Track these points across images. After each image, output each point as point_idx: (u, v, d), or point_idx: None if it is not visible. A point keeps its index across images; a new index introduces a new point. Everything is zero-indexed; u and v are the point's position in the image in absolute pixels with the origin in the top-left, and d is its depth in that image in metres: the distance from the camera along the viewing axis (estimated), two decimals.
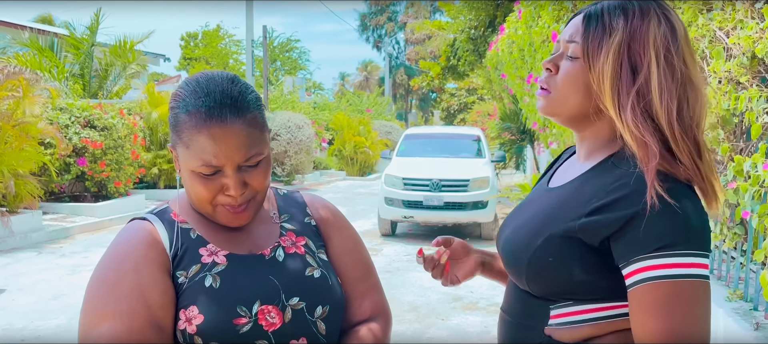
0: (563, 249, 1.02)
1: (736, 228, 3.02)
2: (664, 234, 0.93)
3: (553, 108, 1.10)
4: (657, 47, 1.01)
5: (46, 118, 8.60)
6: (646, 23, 1.02)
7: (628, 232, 0.95)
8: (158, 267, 1.07)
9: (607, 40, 1.03)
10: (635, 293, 0.96)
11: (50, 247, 7.39)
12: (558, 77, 1.09)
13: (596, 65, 1.03)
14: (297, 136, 14.60)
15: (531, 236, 1.07)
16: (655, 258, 0.94)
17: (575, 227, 1.01)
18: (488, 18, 13.56)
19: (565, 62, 1.08)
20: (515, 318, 1.14)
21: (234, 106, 1.06)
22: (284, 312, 1.09)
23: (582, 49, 1.05)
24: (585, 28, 1.05)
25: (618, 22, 1.03)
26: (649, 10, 1.04)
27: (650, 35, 1.02)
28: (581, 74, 1.05)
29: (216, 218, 1.13)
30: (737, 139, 3.05)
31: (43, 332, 4.47)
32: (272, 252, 1.16)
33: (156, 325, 1.02)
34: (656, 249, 0.94)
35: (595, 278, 1.02)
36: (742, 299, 3.08)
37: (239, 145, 1.06)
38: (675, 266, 0.93)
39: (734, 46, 2.67)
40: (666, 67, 1.01)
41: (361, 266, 1.26)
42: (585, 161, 1.13)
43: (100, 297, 1.04)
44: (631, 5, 1.04)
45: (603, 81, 1.02)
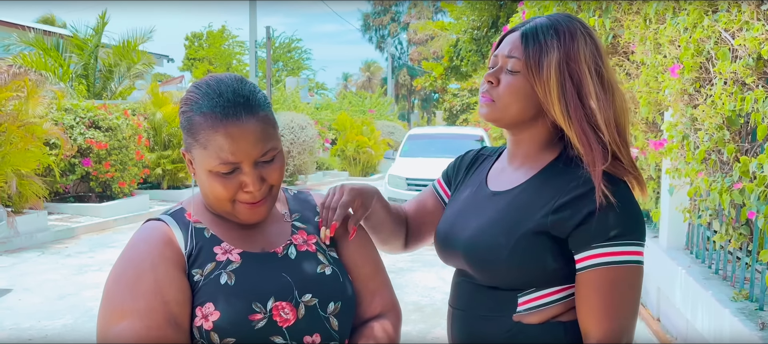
0: (537, 243, 1.16)
1: (742, 229, 3.03)
2: (611, 228, 1.11)
3: (497, 114, 1.24)
4: (588, 63, 1.18)
5: (52, 119, 8.63)
6: (576, 42, 1.18)
7: (585, 225, 1.13)
8: (174, 265, 1.09)
9: (545, 57, 1.17)
10: (584, 275, 1.14)
11: (55, 247, 7.42)
12: (500, 88, 1.22)
13: (540, 79, 1.18)
14: (300, 137, 14.61)
15: (504, 236, 1.19)
16: (603, 247, 1.12)
17: (547, 223, 1.16)
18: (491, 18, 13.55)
19: (505, 75, 1.22)
20: (476, 312, 1.25)
21: (247, 105, 1.10)
22: (298, 309, 1.12)
23: (524, 64, 1.19)
24: (524, 45, 1.19)
25: (553, 41, 1.18)
26: (576, 30, 1.20)
27: (581, 53, 1.18)
28: (522, 85, 1.20)
29: (235, 215, 1.15)
30: (743, 139, 3.06)
31: (50, 331, 4.49)
32: (285, 250, 1.18)
33: (173, 322, 1.05)
34: (606, 239, 1.12)
35: (561, 265, 1.17)
36: (747, 299, 3.09)
37: (255, 141, 1.09)
38: (618, 254, 1.12)
39: (740, 47, 2.68)
40: (598, 80, 1.18)
41: (371, 263, 1.28)
42: (523, 163, 1.26)
43: (118, 295, 1.06)
44: (561, 26, 1.20)
45: (550, 92, 1.17)
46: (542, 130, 1.24)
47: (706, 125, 2.99)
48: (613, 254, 1.12)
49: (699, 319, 3.41)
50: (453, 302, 1.32)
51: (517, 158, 1.29)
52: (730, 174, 2.88)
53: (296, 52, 31.52)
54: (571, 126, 1.16)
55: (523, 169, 1.26)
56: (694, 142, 3.20)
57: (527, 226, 1.17)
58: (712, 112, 2.91)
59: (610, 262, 1.11)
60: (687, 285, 3.65)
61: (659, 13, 3.45)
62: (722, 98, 2.78)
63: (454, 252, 1.29)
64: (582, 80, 1.16)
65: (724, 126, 2.89)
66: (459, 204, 1.36)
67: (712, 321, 3.18)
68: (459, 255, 1.27)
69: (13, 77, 7.55)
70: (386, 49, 41.86)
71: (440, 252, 1.34)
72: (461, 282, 1.30)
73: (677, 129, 3.38)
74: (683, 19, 3.06)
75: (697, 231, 4.02)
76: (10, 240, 7.05)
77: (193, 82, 1.25)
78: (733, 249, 3.25)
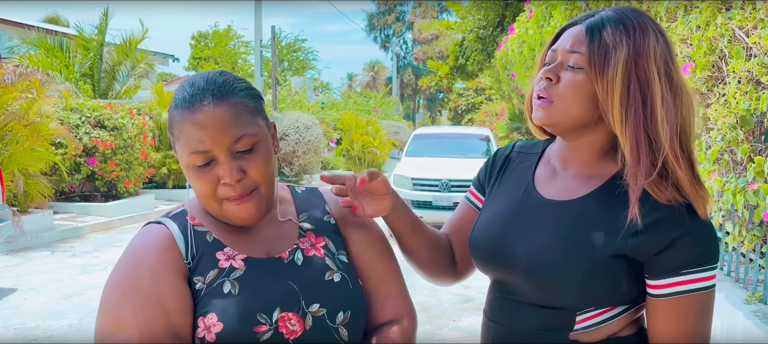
0: (615, 267, 1.07)
1: (756, 230, 2.98)
2: (697, 254, 1.04)
3: (555, 117, 1.10)
4: (658, 63, 1.05)
5: (58, 118, 8.64)
6: (647, 39, 1.06)
7: (669, 251, 1.04)
8: (175, 272, 1.04)
9: (613, 54, 1.05)
10: (668, 302, 1.06)
11: (61, 247, 7.42)
12: (560, 86, 1.09)
13: (604, 77, 1.05)
14: (305, 136, 14.60)
15: (578, 257, 1.08)
16: (689, 274, 1.04)
17: (626, 246, 1.06)
18: (497, 18, 13.51)
19: (566, 72, 1.09)
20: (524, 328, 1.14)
21: (217, 91, 1.04)
22: (305, 320, 1.06)
23: (588, 60, 1.06)
24: (589, 40, 1.07)
25: (621, 37, 1.05)
26: (647, 26, 1.07)
27: (652, 51, 1.05)
28: (586, 85, 1.07)
29: (225, 216, 1.09)
30: (756, 139, 3.01)
31: (55, 331, 4.47)
32: (291, 255, 1.12)
33: (174, 333, 1.00)
34: (693, 266, 1.04)
35: (633, 287, 1.09)
36: (761, 301, 3.04)
37: (224, 126, 1.02)
38: (702, 280, 1.05)
39: (755, 45, 2.63)
40: (668, 83, 1.05)
41: (384, 265, 1.20)
42: (581, 171, 1.15)
43: (117, 304, 1.01)
44: (630, 20, 1.07)
45: (612, 94, 1.05)
46: (603, 135, 1.12)
47: (719, 125, 2.95)
48: (698, 281, 1.06)
49: None
50: (492, 315, 1.21)
51: (572, 165, 1.17)
52: (743, 174, 2.84)
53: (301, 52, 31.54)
54: (625, 132, 1.05)
55: (582, 178, 1.15)
56: (707, 142, 3.16)
57: (605, 249, 1.07)
58: (726, 111, 2.87)
59: (696, 289, 1.05)
60: None
61: (670, 11, 3.41)
62: (736, 97, 2.73)
63: (506, 268, 1.16)
64: (650, 82, 1.04)
65: (738, 125, 2.85)
66: (504, 210, 1.22)
67: (725, 323, 3.13)
68: (516, 272, 1.14)
69: (19, 77, 7.56)
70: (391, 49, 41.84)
71: (483, 264, 1.22)
72: (505, 297, 1.18)
73: None
74: (695, 17, 3.02)
75: None
76: (15, 239, 7.05)
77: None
78: (746, 251, 3.20)
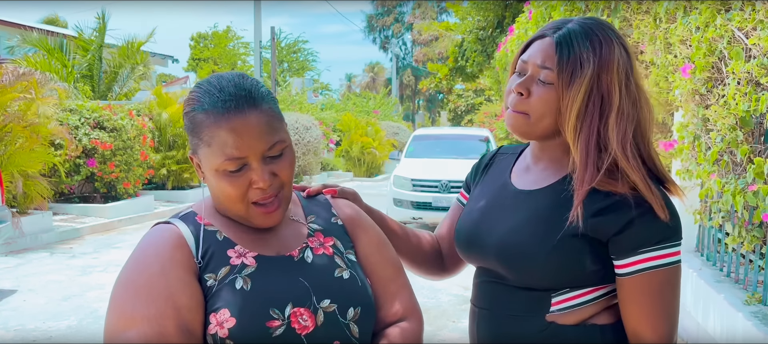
0: (575, 246, 1.14)
1: (755, 231, 2.98)
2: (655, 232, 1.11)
3: (529, 128, 1.19)
4: (620, 76, 1.13)
5: (57, 119, 8.63)
6: (611, 53, 1.13)
7: (628, 231, 1.11)
8: (186, 269, 1.05)
9: (579, 71, 1.12)
10: (632, 280, 1.13)
11: (60, 248, 7.41)
12: (532, 100, 1.17)
13: (568, 93, 1.13)
14: (305, 137, 14.61)
15: (542, 237, 1.16)
16: (649, 252, 1.11)
17: (586, 226, 1.13)
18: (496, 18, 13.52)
19: (537, 87, 1.16)
20: (505, 311, 1.22)
21: (249, 97, 1.06)
22: (316, 315, 1.07)
23: (556, 77, 1.14)
24: (558, 56, 1.14)
25: (588, 53, 1.13)
26: (611, 39, 1.14)
27: (615, 64, 1.13)
28: (555, 99, 1.14)
29: (250, 220, 1.11)
30: (756, 140, 3.01)
31: (55, 333, 4.47)
32: (300, 253, 1.14)
33: (185, 329, 1.00)
34: (652, 244, 1.11)
35: (600, 267, 1.15)
36: (760, 303, 3.04)
37: (260, 133, 1.05)
38: (663, 257, 1.12)
39: (754, 46, 2.64)
40: (626, 93, 1.14)
41: (390, 265, 1.23)
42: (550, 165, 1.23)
43: (128, 300, 1.01)
44: (595, 35, 1.14)
45: (571, 108, 1.13)
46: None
47: (719, 126, 2.95)
48: (660, 257, 1.12)
49: (711, 322, 3.36)
50: (477, 301, 1.29)
51: (543, 160, 1.26)
52: (743, 175, 2.84)
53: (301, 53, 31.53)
54: (577, 143, 1.14)
55: (552, 170, 1.24)
56: (706, 143, 3.16)
57: (565, 228, 1.14)
58: (725, 112, 2.87)
59: (657, 266, 1.12)
60: (698, 288, 3.60)
61: (670, 12, 3.41)
62: (736, 98, 2.73)
63: (482, 253, 1.26)
64: (611, 95, 1.13)
65: (737, 126, 2.85)
66: (482, 202, 1.32)
67: (724, 324, 3.13)
68: (489, 256, 1.23)
69: (18, 78, 7.55)
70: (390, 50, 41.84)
71: (464, 253, 1.31)
72: (487, 281, 1.27)
73: (688, 129, 3.33)
74: (695, 18, 3.02)
75: (708, 233, 3.97)
76: (15, 240, 7.04)
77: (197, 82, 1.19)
78: (745, 251, 3.20)
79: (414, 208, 8.19)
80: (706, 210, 3.60)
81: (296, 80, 24.74)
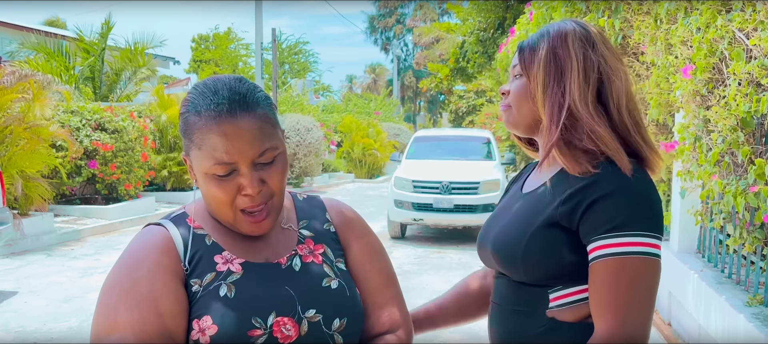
0: (549, 236, 1.16)
1: (757, 232, 2.97)
2: (615, 217, 1.09)
3: (513, 119, 1.30)
4: (575, 44, 1.21)
5: (58, 121, 8.64)
6: (564, 32, 1.23)
7: (589, 215, 1.12)
8: (172, 274, 1.05)
9: (536, 53, 1.24)
10: (592, 267, 1.12)
11: (61, 249, 7.41)
12: (511, 94, 1.30)
13: (532, 73, 1.24)
14: (306, 139, 14.61)
15: (520, 232, 1.21)
16: (607, 238, 1.09)
17: (556, 214, 1.16)
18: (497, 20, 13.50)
19: (512, 83, 1.30)
20: (511, 306, 1.26)
21: (243, 102, 1.05)
22: (300, 325, 1.06)
23: (521, 68, 1.27)
24: (519, 53, 1.28)
25: (542, 39, 1.25)
26: (567, 23, 1.26)
27: (569, 39, 1.22)
28: (526, 85, 1.26)
29: (237, 227, 1.10)
30: (757, 141, 3.00)
31: (56, 334, 4.47)
32: (289, 261, 1.13)
33: (167, 335, 1.00)
34: (608, 230, 1.09)
35: (581, 257, 1.15)
36: (762, 304, 3.03)
37: (251, 139, 1.04)
38: (623, 245, 1.09)
39: (755, 47, 2.63)
40: (584, 60, 1.20)
41: (382, 275, 1.21)
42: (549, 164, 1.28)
43: (112, 304, 1.02)
44: (551, 27, 1.27)
45: (536, 83, 1.22)
46: None
47: (720, 127, 2.94)
48: (617, 245, 1.09)
49: (712, 324, 3.35)
50: (492, 296, 1.35)
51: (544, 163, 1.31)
52: (744, 176, 2.83)
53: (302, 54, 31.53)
54: (544, 109, 1.21)
55: (549, 169, 1.28)
56: (707, 144, 3.15)
57: (539, 219, 1.18)
58: (726, 113, 2.86)
59: (614, 254, 1.09)
60: (699, 290, 3.60)
61: (670, 13, 3.40)
62: (737, 99, 2.72)
63: (486, 252, 1.31)
64: (567, 61, 1.20)
65: (739, 127, 2.84)
66: (496, 208, 1.42)
67: (725, 326, 3.12)
68: (489, 254, 1.29)
69: (18, 79, 7.56)
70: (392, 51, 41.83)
71: (479, 255, 1.38)
72: (498, 276, 1.32)
73: (689, 131, 3.33)
74: (696, 19, 3.01)
75: (709, 234, 3.96)
76: (16, 242, 7.05)
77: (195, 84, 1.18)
78: (746, 253, 3.19)
79: (415, 210, 8.19)
80: (707, 211, 3.59)
81: (297, 82, 24.75)
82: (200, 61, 26.65)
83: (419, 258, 7.36)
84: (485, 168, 8.75)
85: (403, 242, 8.36)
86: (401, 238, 8.55)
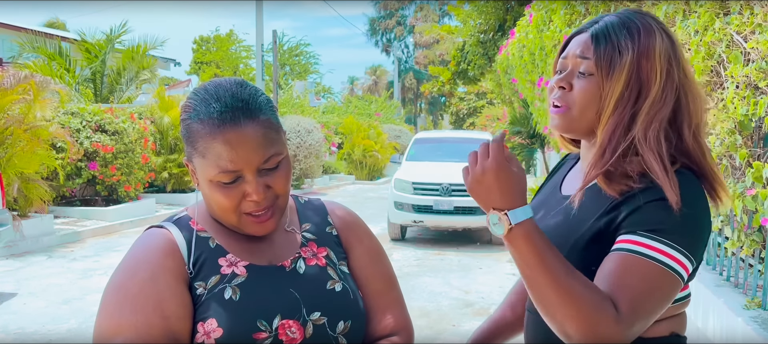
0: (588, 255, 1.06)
1: (755, 235, 2.98)
2: (660, 221, 1.01)
3: (573, 124, 1.14)
4: (662, 61, 1.07)
5: (58, 122, 8.65)
6: (651, 39, 1.08)
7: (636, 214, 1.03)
8: (176, 277, 1.04)
9: (619, 58, 1.07)
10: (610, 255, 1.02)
11: (61, 251, 7.42)
12: (575, 94, 1.12)
13: (609, 81, 1.08)
14: (306, 140, 14.61)
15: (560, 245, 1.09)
16: (641, 237, 1.01)
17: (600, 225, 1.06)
18: (498, 22, 13.52)
19: (578, 79, 1.12)
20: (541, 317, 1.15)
21: (246, 109, 1.04)
22: (305, 327, 1.06)
23: (595, 66, 1.09)
24: (595, 46, 1.10)
25: (626, 40, 1.08)
26: (651, 26, 1.09)
27: (656, 49, 1.07)
28: (597, 90, 1.09)
29: (241, 228, 1.10)
30: (755, 144, 3.01)
31: (55, 336, 4.47)
32: (293, 263, 1.13)
33: (172, 338, 1.00)
34: (647, 230, 1.01)
35: None
36: (760, 307, 3.03)
37: (256, 146, 1.03)
38: (655, 249, 1.00)
39: (753, 50, 2.63)
40: (667, 80, 1.07)
41: (384, 278, 1.22)
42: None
43: (116, 307, 1.02)
44: (634, 23, 1.09)
45: (612, 95, 1.08)
46: None
47: (718, 129, 2.94)
48: (649, 247, 1.00)
49: (710, 327, 3.35)
50: (528, 305, 1.26)
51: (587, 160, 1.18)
52: (742, 179, 2.83)
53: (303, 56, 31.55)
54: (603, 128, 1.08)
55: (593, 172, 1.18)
56: None
57: (580, 233, 1.08)
58: (724, 116, 2.86)
59: (640, 253, 1.00)
60: (698, 292, 3.59)
61: (669, 15, 3.41)
62: (734, 102, 2.73)
63: None
64: (650, 81, 1.07)
65: (736, 130, 2.85)
66: (533, 204, 1.27)
67: (724, 329, 3.12)
68: None
69: (18, 81, 7.57)
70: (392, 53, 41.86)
71: None
72: None
73: None
74: (694, 21, 3.02)
75: None
76: (16, 243, 7.05)
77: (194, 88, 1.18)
78: (745, 256, 3.19)
79: (415, 212, 8.19)
80: None
81: (298, 83, 24.76)
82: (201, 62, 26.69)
83: (419, 260, 7.36)
84: None
85: (403, 244, 8.36)
86: (401, 240, 8.55)
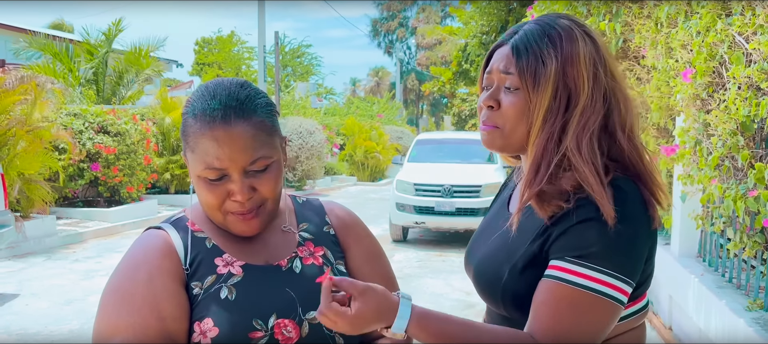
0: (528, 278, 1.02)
1: (757, 237, 2.97)
2: (585, 245, 0.97)
3: (505, 141, 1.09)
4: (587, 65, 1.03)
5: (60, 123, 8.66)
6: (574, 45, 1.04)
7: (563, 238, 0.99)
8: (173, 278, 1.05)
9: (542, 69, 1.03)
10: (541, 283, 0.99)
11: (63, 252, 7.43)
12: (503, 111, 1.08)
13: (536, 93, 1.03)
14: (308, 142, 14.61)
15: (498, 266, 1.07)
16: (570, 263, 0.97)
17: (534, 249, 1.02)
18: (500, 23, 13.52)
19: (505, 95, 1.07)
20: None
21: (239, 109, 1.04)
22: (301, 327, 1.06)
23: (520, 80, 1.05)
24: (517, 59, 1.05)
25: (549, 49, 1.03)
26: (572, 31, 1.05)
27: (580, 54, 1.03)
28: (526, 104, 1.05)
29: (227, 227, 1.11)
30: (757, 145, 3.00)
31: (57, 337, 4.48)
32: (289, 263, 1.13)
33: (169, 338, 1.01)
34: (576, 255, 0.97)
35: None
36: (762, 309, 3.03)
37: (244, 147, 1.03)
38: (582, 276, 0.96)
39: (755, 51, 2.62)
40: (595, 85, 1.03)
41: (382, 278, 1.20)
42: None
43: (114, 308, 1.03)
44: (554, 30, 1.05)
45: (540, 107, 1.03)
46: None
47: (720, 131, 2.94)
48: (577, 274, 0.96)
49: (712, 328, 3.34)
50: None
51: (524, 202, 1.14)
52: (744, 181, 2.83)
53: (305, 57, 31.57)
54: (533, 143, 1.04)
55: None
56: (707, 148, 3.14)
57: (517, 256, 1.05)
58: (726, 117, 2.86)
59: (568, 281, 0.96)
60: (700, 294, 3.59)
61: (671, 16, 3.40)
62: (736, 103, 2.72)
63: (470, 272, 1.20)
64: (578, 88, 1.03)
65: (738, 131, 2.84)
66: (480, 226, 1.25)
67: (726, 330, 3.12)
68: (473, 278, 1.18)
69: (20, 81, 7.59)
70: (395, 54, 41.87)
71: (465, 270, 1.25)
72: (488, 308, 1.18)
73: (689, 134, 3.32)
74: (696, 22, 3.01)
75: (710, 238, 3.95)
76: (18, 244, 7.06)
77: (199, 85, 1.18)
78: (747, 257, 3.18)
79: (416, 213, 8.18)
80: (707, 215, 3.59)
81: (300, 84, 24.78)
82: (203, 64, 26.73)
83: (421, 261, 7.36)
84: (487, 171, 8.74)
85: (405, 245, 8.36)
86: (403, 241, 8.54)
